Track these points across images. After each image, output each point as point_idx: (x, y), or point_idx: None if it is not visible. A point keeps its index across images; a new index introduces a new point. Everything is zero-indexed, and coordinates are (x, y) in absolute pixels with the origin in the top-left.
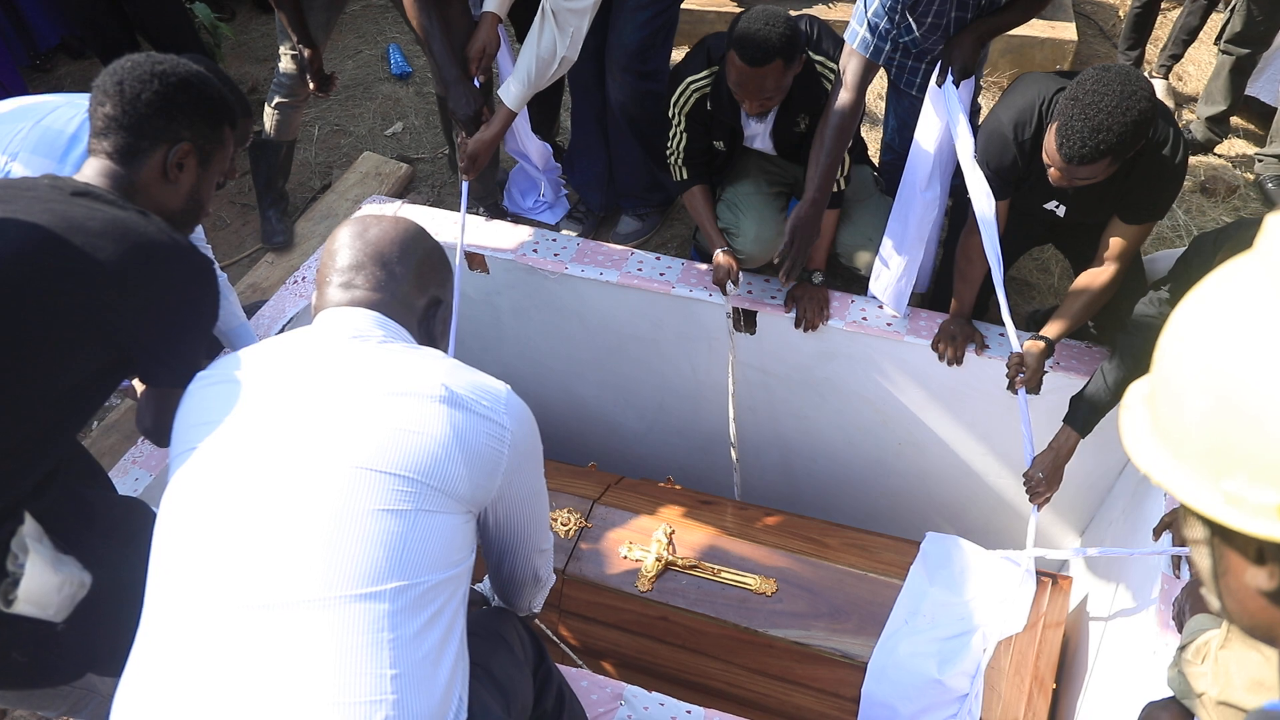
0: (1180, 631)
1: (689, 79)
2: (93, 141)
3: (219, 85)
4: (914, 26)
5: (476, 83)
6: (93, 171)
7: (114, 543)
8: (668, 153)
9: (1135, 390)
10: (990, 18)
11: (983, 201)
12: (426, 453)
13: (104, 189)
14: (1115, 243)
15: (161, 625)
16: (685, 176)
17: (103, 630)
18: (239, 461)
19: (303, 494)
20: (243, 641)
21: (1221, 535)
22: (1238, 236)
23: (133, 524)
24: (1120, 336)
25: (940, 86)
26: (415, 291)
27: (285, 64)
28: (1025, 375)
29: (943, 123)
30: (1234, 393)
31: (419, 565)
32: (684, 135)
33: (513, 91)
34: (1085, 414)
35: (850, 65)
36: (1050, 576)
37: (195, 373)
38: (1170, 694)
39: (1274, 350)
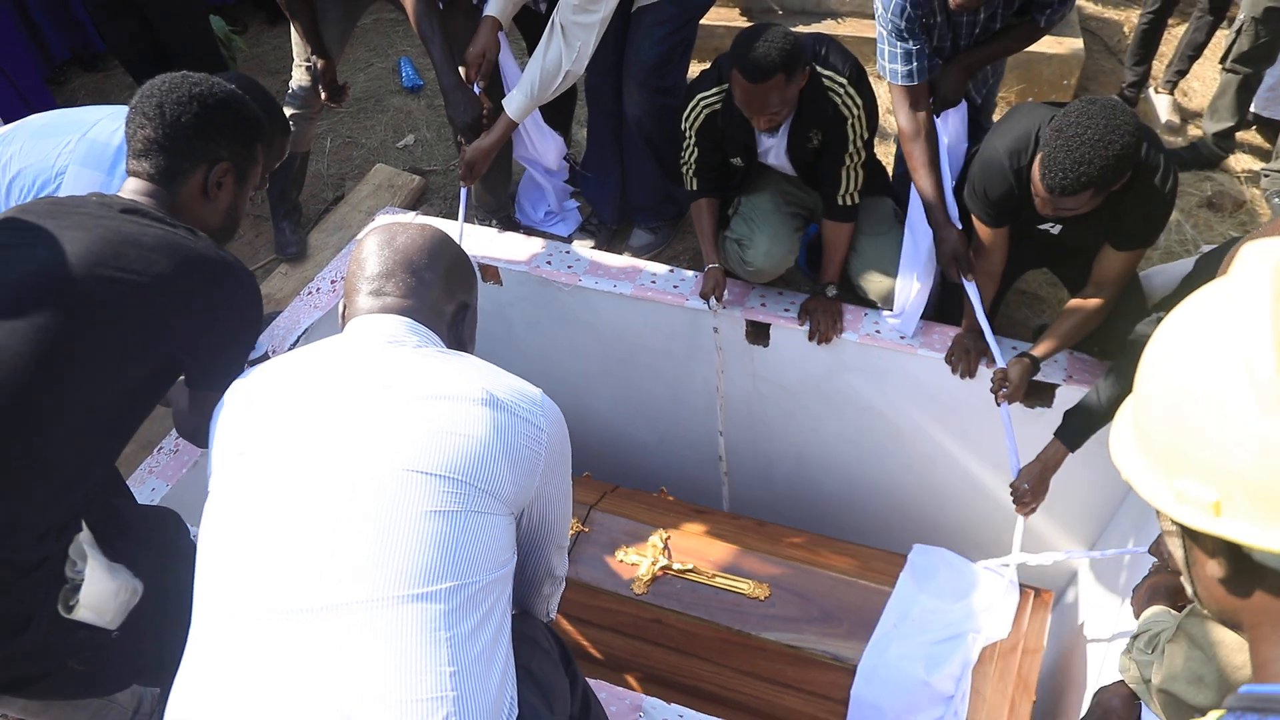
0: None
1: (699, 95)
2: (132, 162)
3: (253, 104)
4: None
5: (476, 88)
6: (135, 190)
7: (149, 552)
8: (681, 163)
9: (1128, 401)
10: (977, 49)
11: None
12: (471, 454)
13: (150, 207)
14: (1106, 269)
15: (213, 631)
16: (695, 188)
17: (147, 640)
18: (284, 467)
19: (352, 497)
20: (298, 645)
21: (1186, 529)
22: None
23: (165, 533)
24: (1117, 356)
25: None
26: (444, 297)
27: (299, 76)
28: (1008, 390)
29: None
30: (1182, 404)
31: (470, 565)
32: (695, 149)
33: (516, 102)
34: (1076, 429)
35: (901, 100)
36: (1033, 589)
37: (237, 378)
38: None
39: (1215, 368)
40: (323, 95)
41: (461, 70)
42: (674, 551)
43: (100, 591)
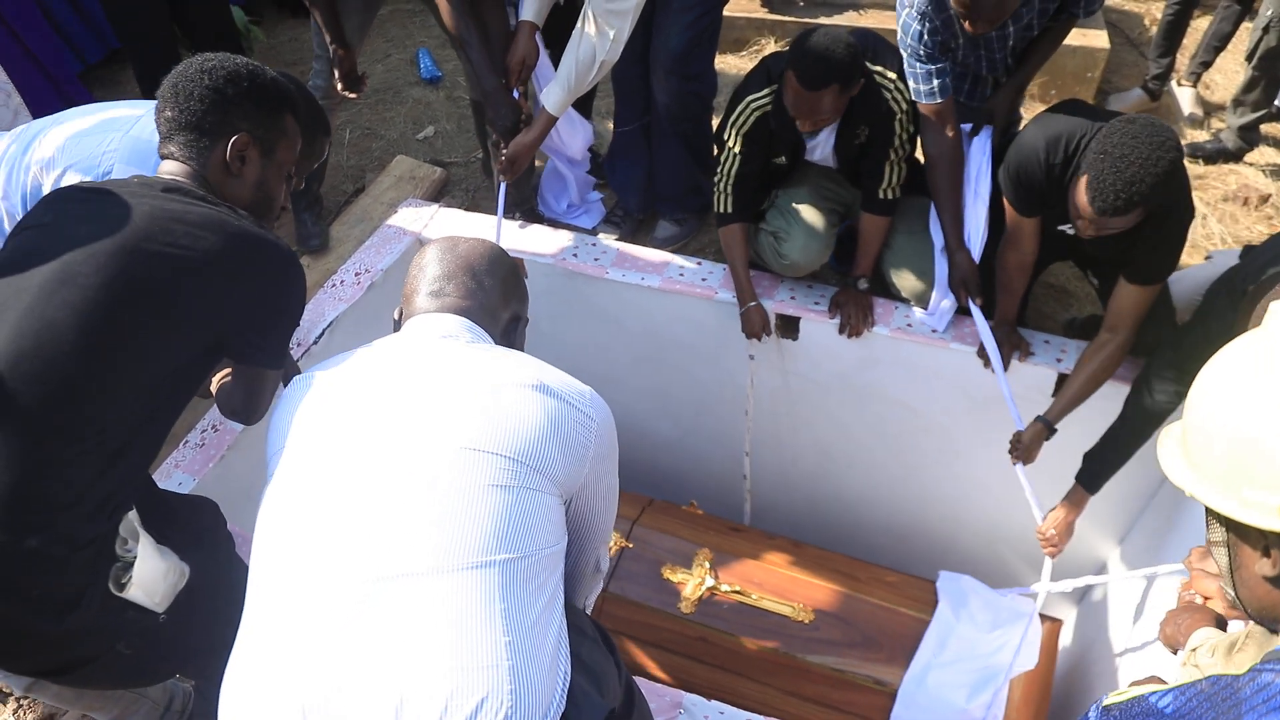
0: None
1: (749, 98)
2: (161, 147)
3: (272, 75)
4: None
5: (515, 93)
6: (170, 171)
7: (191, 538)
8: (716, 178)
9: (1169, 434)
10: (1025, 66)
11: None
12: (526, 436)
13: (189, 185)
14: (1121, 309)
15: (274, 604)
16: (729, 210)
17: (193, 627)
18: (344, 451)
19: (412, 474)
20: (357, 612)
21: (1237, 534)
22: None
23: (204, 522)
24: (1131, 403)
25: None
26: (501, 304)
27: (318, 66)
28: (1020, 453)
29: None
30: (1249, 437)
31: (526, 539)
32: (737, 159)
33: (554, 96)
34: (1095, 474)
35: (926, 119)
36: (1047, 618)
37: (285, 354)
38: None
39: (1272, 408)
40: (339, 86)
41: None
42: (718, 571)
43: (151, 570)
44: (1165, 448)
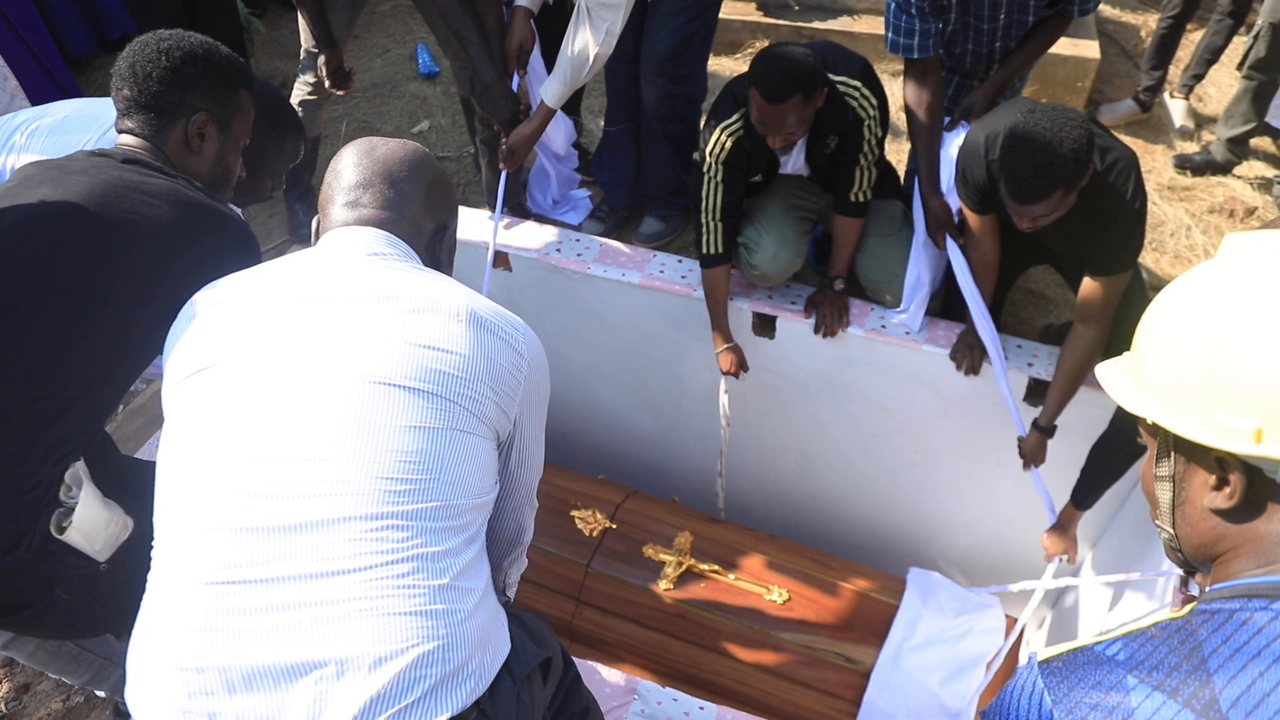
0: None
1: (720, 125)
2: (118, 122)
3: (227, 53)
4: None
5: (515, 83)
6: (129, 144)
7: (137, 499)
8: (701, 212)
9: (1111, 368)
10: (1010, 61)
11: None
12: (453, 371)
13: (147, 158)
14: (1090, 301)
15: (179, 549)
16: (720, 250)
17: (136, 581)
18: (253, 382)
19: (327, 412)
20: (270, 562)
21: (1195, 464)
22: None
23: (151, 483)
24: (1109, 435)
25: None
26: (424, 213)
27: (307, 63)
28: (1027, 459)
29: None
30: (1223, 357)
31: (452, 486)
32: (719, 188)
33: (553, 90)
34: (1084, 494)
35: (908, 71)
36: (1010, 617)
37: None
38: None
39: (1250, 325)
40: (327, 83)
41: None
42: (697, 554)
43: (92, 517)
44: (1112, 380)
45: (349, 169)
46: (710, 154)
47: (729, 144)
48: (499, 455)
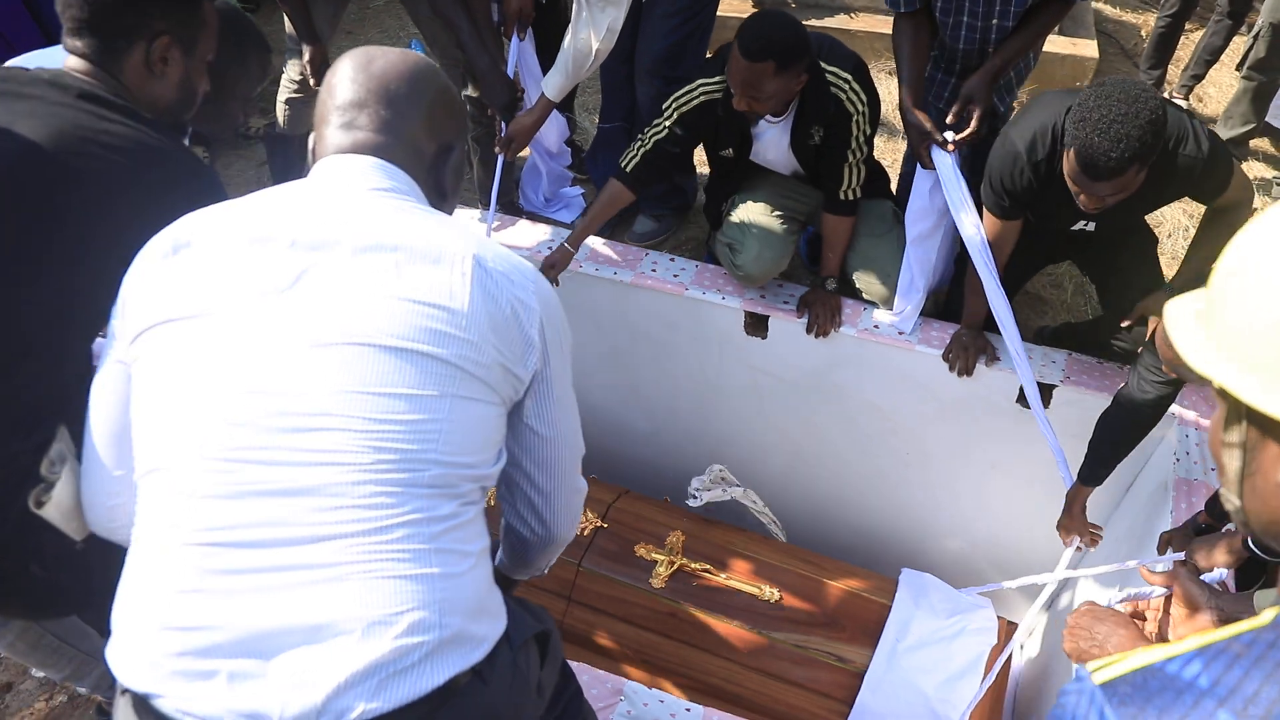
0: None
1: (701, 80)
2: (66, 40)
3: None
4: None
5: (510, 71)
6: (80, 70)
7: None
8: (640, 136)
9: (1182, 314)
10: (1005, 46)
11: (969, 228)
12: (454, 331)
13: (103, 90)
14: (1224, 204)
15: (161, 498)
16: (630, 169)
17: (112, 563)
18: (243, 338)
19: (320, 373)
20: (258, 532)
21: (1261, 433)
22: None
23: None
24: (1119, 404)
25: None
26: (425, 135)
27: (292, 59)
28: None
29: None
30: None
31: (451, 448)
32: (665, 131)
33: (554, 83)
34: (1093, 470)
35: (901, 22)
36: (1004, 620)
37: None
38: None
39: None
40: (311, 82)
41: (478, 43)
42: (689, 553)
43: (72, 496)
44: (1182, 331)
45: (344, 84)
46: (675, 99)
47: (696, 101)
48: (511, 419)
